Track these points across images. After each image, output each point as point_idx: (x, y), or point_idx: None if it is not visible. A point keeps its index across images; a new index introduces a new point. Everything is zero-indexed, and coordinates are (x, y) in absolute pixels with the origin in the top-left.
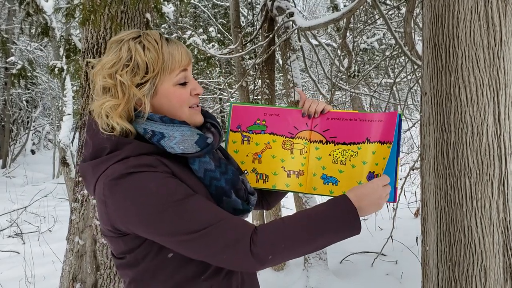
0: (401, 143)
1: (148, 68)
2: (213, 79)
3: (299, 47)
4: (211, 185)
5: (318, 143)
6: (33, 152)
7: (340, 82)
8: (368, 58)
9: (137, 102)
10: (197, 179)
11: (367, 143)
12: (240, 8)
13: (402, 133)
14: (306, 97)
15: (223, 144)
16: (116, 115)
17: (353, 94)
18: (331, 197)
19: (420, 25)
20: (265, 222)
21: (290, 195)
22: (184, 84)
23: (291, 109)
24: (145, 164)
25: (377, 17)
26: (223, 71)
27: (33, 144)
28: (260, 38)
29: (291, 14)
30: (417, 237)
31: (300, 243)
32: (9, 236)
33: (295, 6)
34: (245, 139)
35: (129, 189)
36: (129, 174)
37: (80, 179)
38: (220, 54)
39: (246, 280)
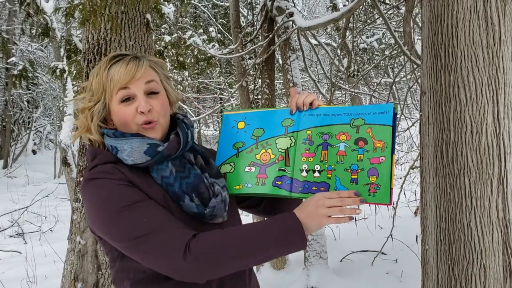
0: (401, 142)
1: (94, 91)
2: (213, 79)
3: (299, 47)
4: (168, 191)
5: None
6: (34, 152)
7: (340, 81)
8: (368, 57)
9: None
10: (159, 186)
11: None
12: (240, 8)
13: (402, 132)
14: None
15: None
16: (82, 132)
17: (353, 93)
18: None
19: (420, 24)
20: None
21: None
22: (127, 100)
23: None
24: (103, 171)
25: (376, 16)
26: (223, 71)
27: (34, 144)
28: (260, 38)
29: (291, 14)
30: (417, 236)
31: (238, 256)
32: (10, 236)
33: (294, 6)
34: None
35: (87, 195)
36: (89, 181)
37: (81, 179)
38: (220, 54)
39: (226, 284)
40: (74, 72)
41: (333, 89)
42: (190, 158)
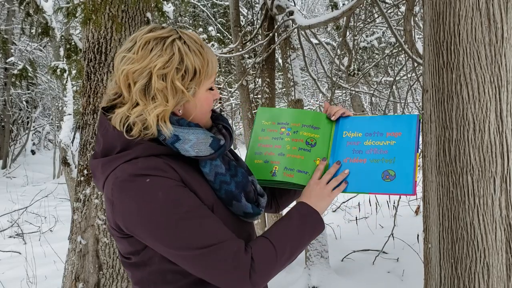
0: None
1: (196, 73)
2: None
3: (299, 45)
4: (221, 189)
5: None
6: (33, 152)
7: (340, 80)
8: (368, 56)
9: None
10: (206, 182)
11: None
12: (239, 7)
13: None
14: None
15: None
16: (167, 120)
17: (353, 92)
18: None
19: (420, 23)
20: (255, 240)
21: None
22: (211, 89)
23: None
24: (155, 167)
25: (376, 15)
26: (223, 70)
27: (33, 144)
28: (260, 37)
29: (291, 13)
30: (418, 235)
31: (287, 262)
32: (10, 237)
33: (294, 5)
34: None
35: (137, 193)
36: (138, 176)
37: (81, 179)
38: (220, 53)
39: None
40: (74, 71)
41: (333, 88)
42: (228, 154)
